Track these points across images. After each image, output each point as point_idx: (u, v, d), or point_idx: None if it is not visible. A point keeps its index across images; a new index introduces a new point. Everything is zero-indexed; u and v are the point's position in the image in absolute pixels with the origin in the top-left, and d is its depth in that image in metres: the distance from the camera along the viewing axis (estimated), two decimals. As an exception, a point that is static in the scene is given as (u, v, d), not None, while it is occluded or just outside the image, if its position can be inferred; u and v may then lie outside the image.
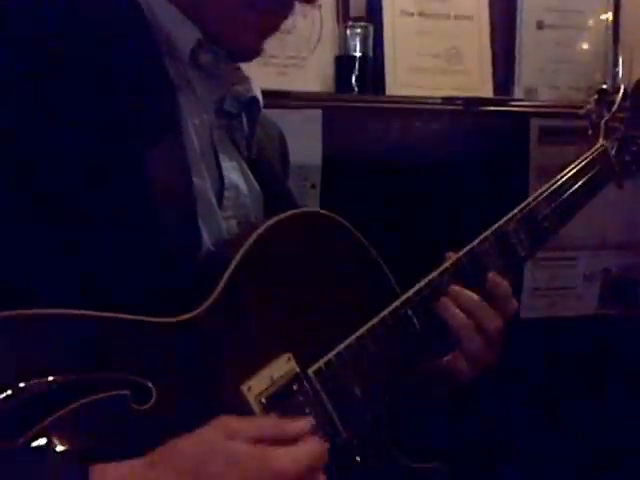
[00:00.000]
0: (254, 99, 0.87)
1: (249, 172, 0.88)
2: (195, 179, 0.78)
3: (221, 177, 0.83)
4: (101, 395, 0.63)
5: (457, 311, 0.88)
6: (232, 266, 0.75)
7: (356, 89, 1.52)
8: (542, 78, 1.73)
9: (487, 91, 1.66)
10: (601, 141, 1.09)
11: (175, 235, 0.75)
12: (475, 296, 0.89)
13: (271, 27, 0.84)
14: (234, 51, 0.84)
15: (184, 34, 0.80)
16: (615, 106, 1.13)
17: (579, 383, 1.58)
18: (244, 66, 0.87)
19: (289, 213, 0.82)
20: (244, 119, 0.88)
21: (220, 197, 0.83)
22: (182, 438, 0.63)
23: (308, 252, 0.83)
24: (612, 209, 1.36)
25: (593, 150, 1.08)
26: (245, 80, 0.87)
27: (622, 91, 1.15)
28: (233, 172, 0.85)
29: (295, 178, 1.14)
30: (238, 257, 0.76)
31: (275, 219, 0.80)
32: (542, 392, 1.55)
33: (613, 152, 1.10)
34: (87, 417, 0.63)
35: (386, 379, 0.85)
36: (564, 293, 1.53)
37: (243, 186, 0.86)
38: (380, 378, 0.84)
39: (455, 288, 0.89)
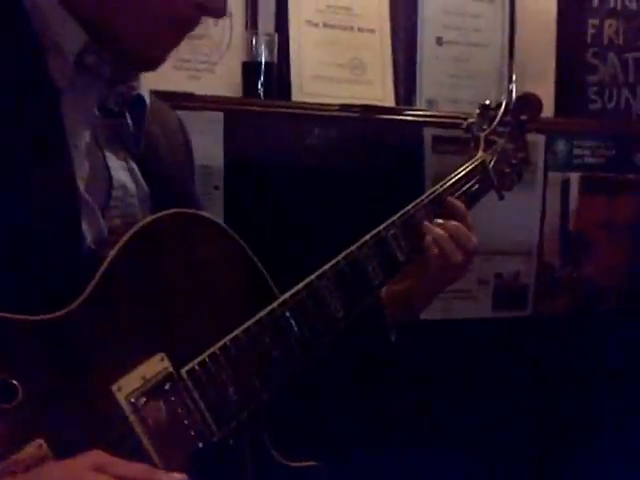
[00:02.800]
0: (140, 97, 0.87)
1: (137, 171, 0.88)
2: (79, 181, 0.78)
3: (109, 176, 0.83)
4: None
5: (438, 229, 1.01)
6: (104, 265, 0.75)
7: (262, 95, 1.56)
8: (442, 92, 1.80)
9: (389, 101, 1.71)
10: (480, 153, 1.13)
11: (56, 237, 0.75)
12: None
13: (181, 41, 0.85)
14: (139, 61, 0.84)
15: (70, 36, 0.80)
16: (496, 120, 1.17)
17: (472, 383, 1.64)
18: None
19: (163, 213, 0.82)
20: (128, 118, 0.87)
21: (108, 197, 0.83)
22: (55, 462, 0.64)
23: (183, 253, 0.83)
24: (503, 216, 1.43)
25: (472, 161, 1.12)
26: (130, 79, 0.87)
27: (503, 106, 1.19)
28: (121, 171, 0.86)
29: (199, 179, 1.15)
30: (111, 256, 0.76)
31: (149, 219, 0.81)
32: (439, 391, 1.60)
33: (492, 164, 1.14)
34: None
35: (263, 379, 0.85)
36: (460, 296, 1.59)
37: (131, 185, 0.87)
38: (256, 378, 0.84)
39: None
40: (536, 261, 1.71)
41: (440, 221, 1.03)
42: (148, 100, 0.89)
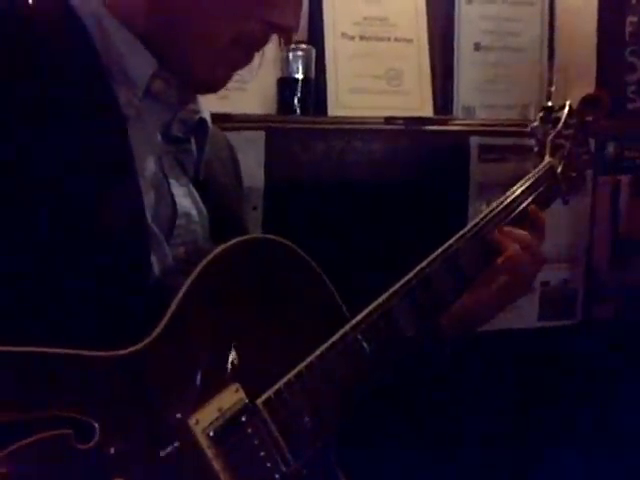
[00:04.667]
0: (203, 121, 0.87)
1: (197, 195, 0.88)
2: (147, 210, 0.78)
3: (174, 204, 0.83)
4: (42, 435, 0.62)
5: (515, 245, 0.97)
6: (178, 298, 0.75)
7: (298, 111, 1.55)
8: (479, 97, 1.78)
9: (427, 110, 1.70)
10: (547, 159, 1.11)
11: (125, 269, 0.75)
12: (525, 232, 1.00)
13: (248, 61, 0.85)
14: (204, 83, 0.84)
15: (141, 65, 0.80)
16: (561, 123, 1.15)
17: (526, 392, 1.62)
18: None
19: (235, 241, 0.81)
20: (193, 142, 0.88)
21: (172, 225, 0.83)
22: None
23: (255, 280, 0.82)
24: (551, 221, 1.40)
25: (540, 168, 1.09)
26: (193, 102, 0.87)
27: (567, 108, 1.17)
28: (184, 199, 0.85)
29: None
30: (184, 288, 0.75)
31: (221, 248, 0.80)
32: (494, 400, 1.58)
33: (559, 169, 1.11)
34: (28, 459, 0.62)
35: (337, 405, 0.84)
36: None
37: (193, 212, 0.86)
38: (331, 405, 0.83)
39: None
40: (584, 267, 1.68)
41: (513, 230, 1.00)
42: (210, 123, 0.88)
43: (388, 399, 1.01)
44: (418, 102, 1.71)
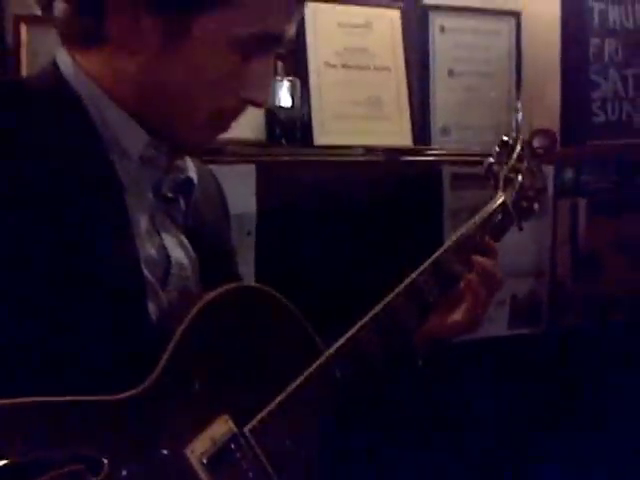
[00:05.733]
0: (189, 179, 0.96)
1: (187, 243, 0.97)
2: (143, 264, 0.87)
3: (167, 255, 0.92)
4: (59, 471, 0.72)
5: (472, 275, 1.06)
6: (172, 345, 0.85)
7: (285, 138, 1.66)
8: (454, 119, 1.91)
9: (406, 133, 1.83)
10: (499, 193, 1.18)
11: (125, 318, 0.84)
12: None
13: (228, 127, 0.94)
14: (189, 149, 0.94)
15: (134, 139, 0.88)
16: (513, 158, 1.22)
17: (492, 397, 1.76)
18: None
19: (223, 289, 0.91)
20: (181, 201, 0.96)
21: (167, 274, 0.92)
22: None
23: (239, 324, 0.92)
24: (517, 241, 1.52)
25: (493, 202, 1.17)
26: (181, 161, 0.95)
27: (520, 144, 1.23)
28: (176, 249, 0.94)
29: (232, 227, 1.26)
30: (177, 335, 0.85)
31: (211, 295, 0.90)
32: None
33: (512, 201, 1.18)
34: None
35: (316, 428, 0.96)
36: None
37: (185, 261, 0.95)
38: (311, 428, 0.95)
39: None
40: (549, 280, 1.83)
41: (470, 259, 1.09)
42: (196, 180, 0.97)
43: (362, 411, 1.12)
44: (397, 126, 1.83)
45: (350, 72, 1.80)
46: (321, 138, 1.72)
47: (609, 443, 1.81)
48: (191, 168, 0.97)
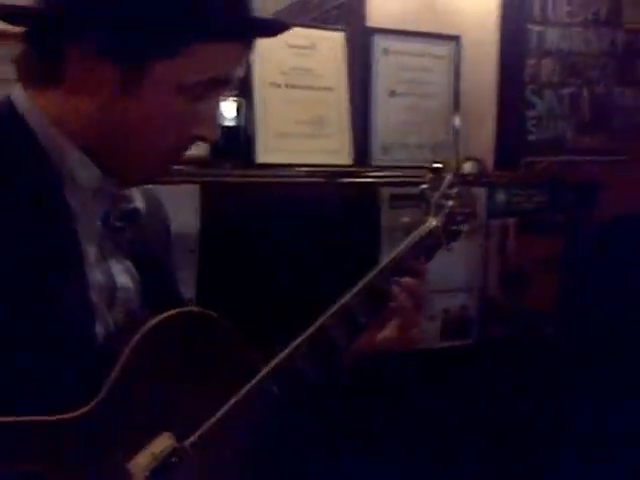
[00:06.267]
0: (136, 209, 1.03)
1: (133, 268, 1.04)
2: (92, 293, 0.94)
3: (114, 281, 1.00)
4: None
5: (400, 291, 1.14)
6: (118, 364, 0.92)
7: (229, 156, 1.72)
8: (394, 138, 2.00)
9: (346, 152, 1.90)
10: (430, 219, 1.25)
11: (75, 340, 0.91)
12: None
13: (180, 160, 1.01)
14: (136, 181, 1.00)
15: (87, 174, 0.94)
16: (443, 186, 1.28)
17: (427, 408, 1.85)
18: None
19: (167, 314, 0.98)
20: (128, 228, 1.02)
21: (113, 298, 0.99)
22: None
23: (183, 345, 0.99)
24: (449, 258, 1.59)
25: (423, 228, 1.23)
26: (128, 191, 1.02)
27: (451, 171, 1.30)
28: (122, 275, 1.01)
29: (176, 244, 1.31)
30: (123, 358, 0.92)
31: (155, 320, 0.96)
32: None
33: (441, 227, 1.25)
34: None
35: (255, 439, 1.03)
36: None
37: (130, 285, 1.02)
38: (249, 440, 1.02)
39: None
40: (479, 295, 1.93)
41: (400, 280, 1.16)
42: (143, 208, 1.04)
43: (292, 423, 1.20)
44: (338, 144, 1.90)
45: (294, 92, 1.87)
46: (264, 156, 1.78)
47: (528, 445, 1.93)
48: (137, 197, 1.04)
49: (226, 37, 0.93)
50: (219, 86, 0.96)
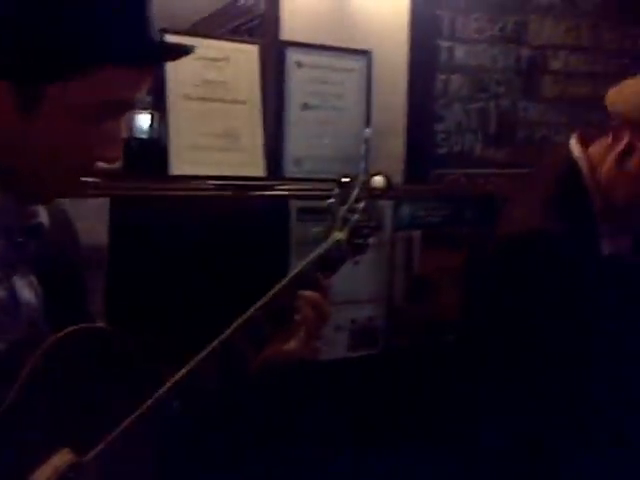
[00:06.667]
0: (40, 224, 1.03)
1: (36, 283, 1.04)
2: None
3: (17, 296, 1.00)
4: None
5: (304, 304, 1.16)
6: (19, 381, 0.93)
7: (142, 168, 1.72)
8: (307, 151, 2.04)
9: (259, 164, 1.93)
10: (335, 233, 1.26)
11: None
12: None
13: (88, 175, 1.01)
14: (41, 200, 1.01)
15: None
16: (349, 201, 1.29)
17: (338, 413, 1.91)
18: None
19: (69, 330, 0.98)
20: (32, 244, 1.03)
21: (17, 311, 1.00)
22: None
23: (86, 361, 1.00)
24: (356, 270, 1.65)
25: (328, 242, 1.25)
26: (31, 207, 1.02)
27: (358, 185, 1.31)
28: (25, 290, 1.02)
29: (85, 258, 1.31)
30: (24, 373, 0.94)
31: (57, 336, 0.97)
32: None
33: (346, 240, 1.26)
34: None
35: (154, 453, 1.06)
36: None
37: (33, 301, 1.03)
38: (148, 456, 1.05)
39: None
40: (385, 305, 2.00)
41: (304, 294, 1.18)
42: (47, 223, 1.04)
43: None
44: (251, 157, 1.93)
45: (208, 105, 1.88)
46: (177, 169, 1.79)
47: (437, 449, 2.01)
48: (42, 212, 1.04)
49: (124, 62, 0.94)
50: (120, 108, 0.97)
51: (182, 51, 1.03)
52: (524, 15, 2.44)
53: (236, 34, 2.08)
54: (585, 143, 1.55)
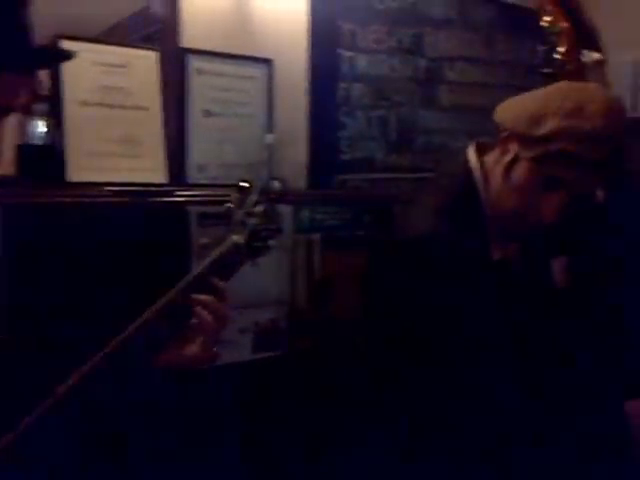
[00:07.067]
0: None
1: None
2: None
3: None
4: None
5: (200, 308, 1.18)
6: None
7: (37, 175, 1.71)
8: (210, 157, 2.06)
9: (161, 171, 1.94)
10: (232, 236, 1.27)
11: None
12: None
13: None
14: None
15: None
16: (248, 204, 1.30)
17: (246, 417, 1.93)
18: None
19: None
20: None
21: None
22: None
23: None
24: (257, 273, 1.65)
25: (223, 245, 1.25)
26: None
27: (256, 190, 1.32)
28: None
29: None
30: None
31: None
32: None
33: (243, 243, 1.27)
34: None
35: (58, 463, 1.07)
36: (223, 345, 1.87)
37: None
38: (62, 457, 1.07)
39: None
40: (288, 308, 2.04)
41: (200, 298, 1.20)
42: None
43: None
44: (153, 163, 1.93)
45: (107, 111, 1.87)
46: (75, 175, 1.78)
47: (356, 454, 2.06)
48: None
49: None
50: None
51: (61, 57, 1.03)
52: (420, 28, 2.54)
53: (147, 42, 2.08)
54: (481, 152, 1.62)
